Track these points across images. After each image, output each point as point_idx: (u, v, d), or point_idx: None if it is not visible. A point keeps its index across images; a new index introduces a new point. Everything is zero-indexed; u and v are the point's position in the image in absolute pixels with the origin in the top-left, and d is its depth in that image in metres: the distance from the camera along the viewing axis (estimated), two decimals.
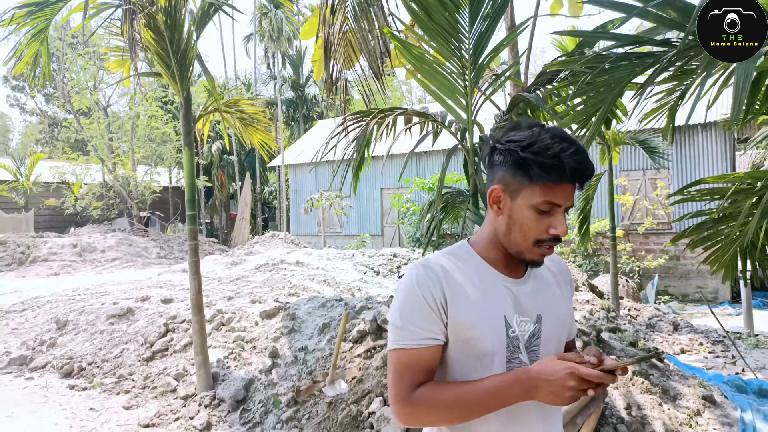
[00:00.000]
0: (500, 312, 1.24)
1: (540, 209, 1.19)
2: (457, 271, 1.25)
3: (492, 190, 1.25)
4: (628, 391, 4.04)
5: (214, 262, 11.14)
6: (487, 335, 1.21)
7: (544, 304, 1.30)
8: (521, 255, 1.25)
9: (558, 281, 1.38)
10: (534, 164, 1.16)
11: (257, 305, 5.86)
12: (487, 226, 1.31)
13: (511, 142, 1.21)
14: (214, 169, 25.11)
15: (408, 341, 1.20)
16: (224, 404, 4.42)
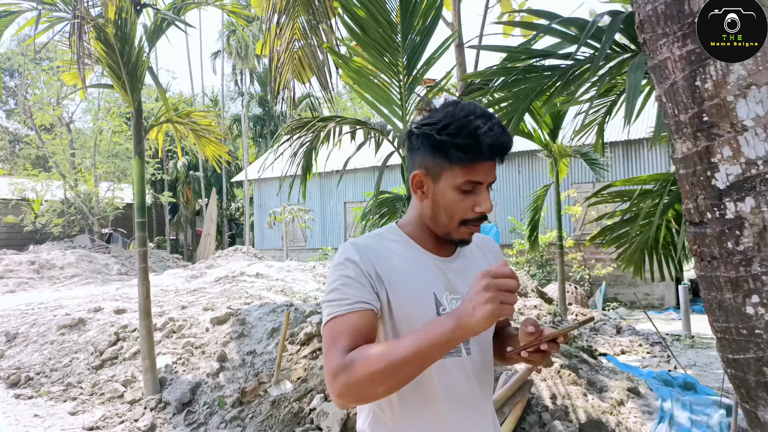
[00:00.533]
0: (430, 290, 1.23)
1: (463, 189, 1.18)
2: (385, 250, 1.24)
3: (414, 175, 1.24)
4: (555, 383, 4.28)
5: (174, 276, 11.11)
6: (416, 313, 1.20)
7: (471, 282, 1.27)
8: (449, 236, 1.25)
9: (487, 259, 1.39)
10: (451, 146, 1.15)
11: (209, 313, 5.95)
12: (413, 211, 1.31)
13: (426, 126, 1.20)
14: (180, 185, 24.91)
15: (339, 309, 1.15)
16: (170, 407, 4.50)
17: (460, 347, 1.26)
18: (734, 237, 1.47)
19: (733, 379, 1.62)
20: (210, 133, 5.31)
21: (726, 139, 1.45)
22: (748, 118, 1.42)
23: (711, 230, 1.52)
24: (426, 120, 1.21)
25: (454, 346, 1.06)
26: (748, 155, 1.43)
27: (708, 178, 1.50)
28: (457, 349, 1.25)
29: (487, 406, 1.34)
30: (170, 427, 4.31)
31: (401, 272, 1.22)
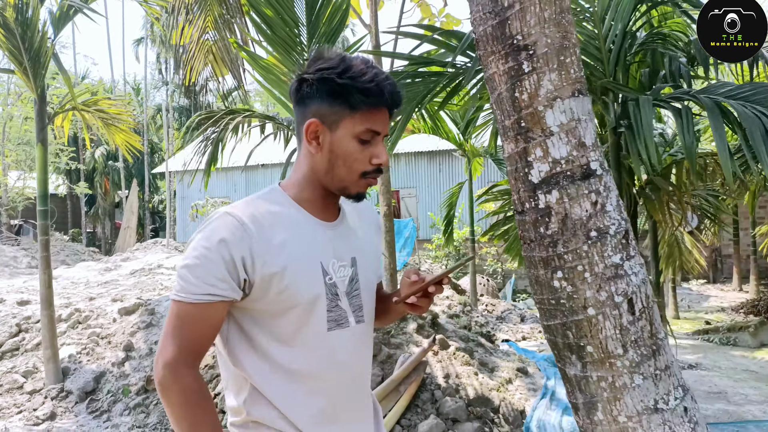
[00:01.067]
0: (316, 259, 1.18)
1: (362, 138, 1.15)
2: (267, 219, 1.15)
3: (308, 124, 1.16)
4: (449, 364, 4.62)
5: (87, 269, 10.75)
6: (302, 285, 1.14)
7: (357, 246, 1.27)
8: (346, 190, 1.20)
9: (367, 223, 1.35)
10: (354, 90, 1.11)
11: (117, 304, 5.89)
12: (302, 167, 1.23)
13: (323, 70, 1.14)
14: (98, 175, 23.84)
15: (187, 294, 1.08)
16: (72, 396, 4.48)
17: (348, 318, 1.22)
18: (545, 223, 1.78)
19: (549, 343, 1.93)
20: (119, 122, 5.26)
21: (538, 141, 1.75)
22: (554, 125, 1.73)
23: (529, 218, 1.82)
24: (321, 65, 1.15)
25: None
26: (554, 156, 1.74)
27: (526, 174, 1.79)
28: (345, 319, 1.21)
29: (370, 372, 1.36)
30: (71, 416, 4.30)
31: (284, 242, 1.14)
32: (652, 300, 1.81)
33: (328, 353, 1.19)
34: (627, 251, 1.75)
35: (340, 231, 1.26)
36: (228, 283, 1.09)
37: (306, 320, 1.16)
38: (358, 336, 1.25)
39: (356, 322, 1.24)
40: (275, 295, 1.13)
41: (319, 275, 1.18)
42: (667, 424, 1.75)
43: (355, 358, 1.25)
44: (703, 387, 5.58)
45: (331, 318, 1.19)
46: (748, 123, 2.49)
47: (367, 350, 1.31)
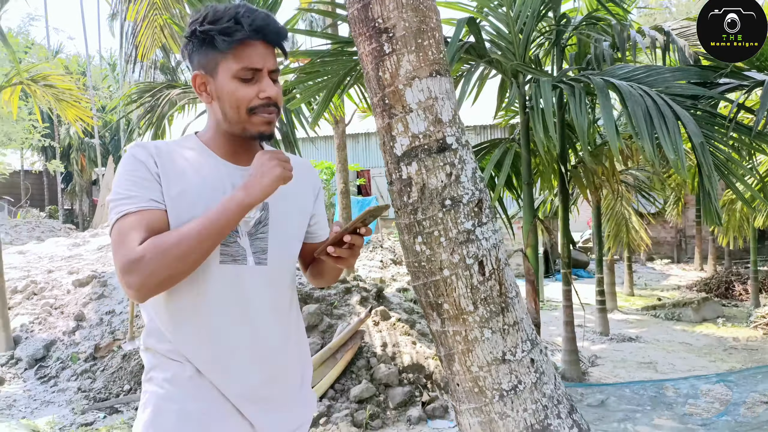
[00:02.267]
0: (218, 196, 1.17)
1: (242, 78, 1.17)
2: (173, 153, 1.20)
3: (193, 78, 1.21)
4: (390, 333, 4.83)
5: (55, 244, 10.79)
6: (193, 213, 1.13)
7: (275, 193, 1.21)
8: (245, 131, 1.21)
9: (299, 178, 1.30)
10: (215, 33, 1.14)
11: (73, 276, 6.02)
12: (209, 120, 1.28)
13: (191, 24, 1.19)
14: (73, 152, 23.63)
15: (131, 206, 1.10)
16: (21, 363, 4.63)
17: (246, 256, 1.21)
18: (407, 192, 1.95)
19: (419, 304, 2.12)
20: (70, 96, 5.33)
21: (399, 117, 1.91)
22: (413, 103, 1.89)
23: (396, 187, 1.99)
24: (191, 20, 1.20)
25: (245, 212, 1.12)
26: (413, 130, 1.90)
27: (392, 147, 1.96)
28: (242, 257, 1.20)
29: (283, 323, 1.29)
30: (20, 381, 4.45)
31: (185, 174, 1.17)
32: (504, 263, 2.00)
33: (219, 287, 1.18)
34: (479, 218, 1.94)
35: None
36: (157, 192, 1.13)
37: None
38: (257, 278, 1.22)
39: (255, 263, 1.22)
40: (173, 220, 1.13)
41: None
42: (513, 374, 1.96)
43: (250, 298, 1.21)
44: (636, 358, 5.87)
45: (226, 252, 1.18)
46: (632, 103, 2.67)
47: (273, 298, 1.26)
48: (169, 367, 1.19)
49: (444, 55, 1.95)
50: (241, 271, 1.21)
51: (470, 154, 1.99)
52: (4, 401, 4.06)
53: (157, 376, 1.20)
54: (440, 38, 1.94)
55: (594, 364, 5.56)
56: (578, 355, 5.02)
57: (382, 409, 4.05)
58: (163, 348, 1.20)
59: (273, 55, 1.21)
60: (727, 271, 10.24)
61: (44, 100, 5.28)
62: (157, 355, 1.22)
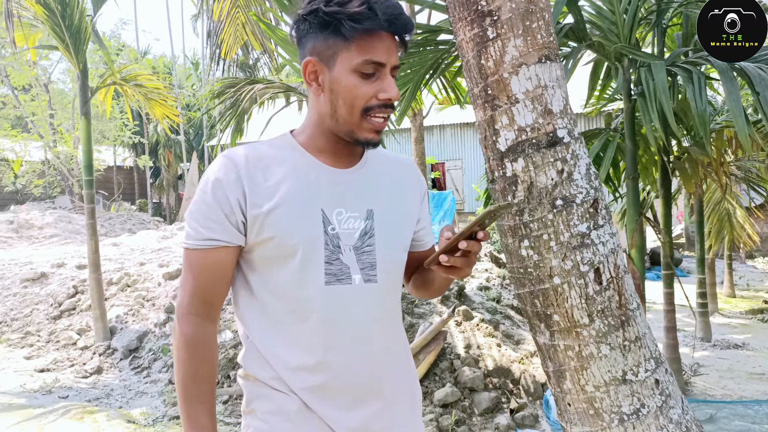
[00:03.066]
0: (316, 205, 1.07)
1: (363, 72, 1.03)
2: (264, 161, 1.08)
3: (305, 64, 1.06)
4: (473, 334, 4.65)
5: (146, 237, 11.37)
6: (296, 232, 1.05)
7: (379, 198, 1.14)
8: (353, 134, 1.07)
9: (403, 180, 1.22)
10: (343, 17, 1.00)
11: (163, 269, 6.25)
12: (311, 114, 1.13)
13: (309, 4, 1.05)
14: (161, 148, 24.93)
15: (192, 241, 1.06)
16: (117, 353, 4.84)
17: (350, 274, 1.09)
18: (512, 191, 1.77)
19: (522, 312, 1.94)
20: (159, 95, 5.50)
21: (504, 109, 1.73)
22: (519, 92, 1.70)
23: (498, 186, 1.81)
24: (310, 1, 1.06)
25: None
26: (519, 123, 1.72)
27: (494, 142, 1.78)
28: (346, 275, 1.09)
29: (390, 340, 1.18)
30: (116, 370, 4.65)
31: (280, 185, 1.06)
32: (624, 270, 1.78)
33: (325, 311, 1.08)
34: (595, 220, 1.72)
35: (355, 179, 1.13)
36: (225, 227, 1.04)
37: (302, 271, 1.06)
38: (366, 297, 1.11)
39: (364, 281, 1.10)
40: (268, 240, 1.05)
41: (318, 223, 1.07)
42: (635, 396, 1.74)
43: (359, 321, 1.10)
44: (745, 368, 5.35)
45: (330, 272, 1.07)
46: (762, 87, 2.34)
47: (383, 317, 1.15)
48: (273, 398, 1.10)
49: (554, 39, 1.74)
50: (347, 291, 1.09)
51: (583, 149, 1.77)
52: (102, 390, 4.24)
53: (260, 408, 1.11)
54: (550, 19, 1.74)
55: (697, 374, 5.11)
56: (680, 364, 4.62)
57: (468, 415, 3.88)
58: (265, 375, 1.11)
59: (397, 49, 1.07)
60: None
61: (134, 99, 5.48)
62: (258, 384, 1.12)
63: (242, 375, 1.16)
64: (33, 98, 20.09)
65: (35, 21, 4.78)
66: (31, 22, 4.87)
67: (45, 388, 4.22)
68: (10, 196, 21.92)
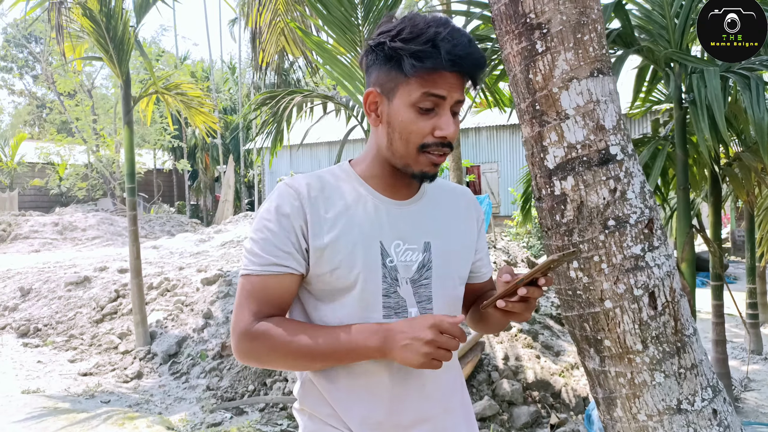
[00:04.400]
0: (375, 237, 1.06)
1: (421, 107, 1.02)
2: (326, 191, 1.08)
3: (366, 94, 1.07)
4: (512, 345, 4.55)
5: (184, 240, 11.60)
6: (356, 264, 1.04)
7: (436, 230, 1.13)
8: (408, 167, 1.07)
9: (461, 211, 1.21)
10: (405, 53, 0.99)
11: (201, 274, 6.34)
12: (370, 143, 1.14)
13: (381, 35, 1.04)
14: (198, 151, 25.44)
15: (254, 267, 1.04)
16: (157, 357, 4.92)
17: (407, 307, 1.08)
18: (560, 211, 1.70)
19: (570, 335, 1.86)
20: (199, 104, 5.58)
21: (553, 125, 1.66)
22: (569, 108, 1.63)
23: (546, 204, 1.75)
24: (382, 29, 1.05)
25: (369, 359, 1.03)
26: (569, 140, 1.65)
27: (542, 159, 1.72)
28: (403, 309, 1.07)
29: (448, 374, 1.15)
30: (156, 375, 4.73)
31: (340, 216, 1.06)
32: (680, 294, 1.69)
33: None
34: (650, 241, 1.64)
35: (412, 211, 1.13)
36: (291, 254, 1.04)
37: (360, 305, 1.05)
38: None
39: (420, 314, 1.08)
40: (327, 273, 1.05)
41: (377, 255, 1.06)
42: (691, 426, 1.65)
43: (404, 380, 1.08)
44: None
45: (388, 305, 1.07)
46: None
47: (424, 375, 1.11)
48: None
49: (606, 51, 1.67)
50: None
51: (637, 166, 1.69)
52: (142, 395, 4.32)
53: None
54: (602, 31, 1.66)
55: (748, 389, 4.88)
56: (730, 379, 4.42)
57: (506, 430, 3.79)
58: (323, 412, 1.11)
59: (463, 85, 1.05)
60: None
61: (175, 107, 5.58)
62: (315, 420, 1.12)
63: (298, 408, 1.16)
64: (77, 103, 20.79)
65: (81, 33, 4.91)
66: (77, 34, 5.01)
67: (88, 393, 4.32)
68: (55, 199, 22.71)
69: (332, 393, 1.09)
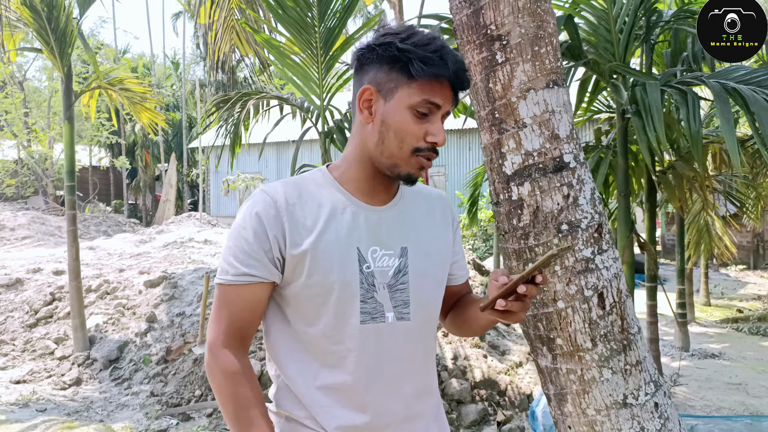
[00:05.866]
0: (353, 244, 1.08)
1: (419, 111, 1.05)
2: (303, 197, 1.09)
3: (363, 90, 1.08)
4: (461, 345, 4.65)
5: (123, 240, 11.16)
6: (333, 271, 1.05)
7: (413, 236, 1.15)
8: (396, 168, 1.08)
9: (437, 216, 1.23)
10: (415, 57, 1.02)
11: (144, 276, 6.13)
12: (352, 143, 1.13)
13: (387, 35, 1.06)
14: (138, 149, 24.55)
15: (228, 276, 1.06)
16: (97, 363, 4.73)
17: (384, 312, 1.09)
18: (517, 215, 1.77)
19: (524, 334, 1.94)
20: (145, 100, 5.40)
21: (511, 133, 1.73)
22: (527, 117, 1.71)
23: (503, 209, 1.81)
24: (387, 31, 1.08)
25: None
26: (526, 147, 1.72)
27: (500, 165, 1.78)
28: (380, 314, 1.09)
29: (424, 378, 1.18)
30: (95, 382, 4.54)
31: (317, 223, 1.07)
32: (626, 295, 1.79)
33: (361, 351, 1.08)
34: (599, 245, 1.74)
35: (389, 217, 1.14)
36: (263, 263, 1.05)
37: (338, 311, 1.07)
38: (399, 335, 1.11)
39: (396, 319, 1.10)
40: (305, 279, 1.06)
41: (354, 261, 1.08)
42: (636, 419, 1.75)
43: (392, 359, 1.11)
44: (723, 377, 5.45)
45: (365, 310, 1.08)
46: (757, 108, 2.39)
47: (415, 354, 1.15)
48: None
49: (561, 64, 1.75)
50: (381, 329, 1.10)
51: (588, 173, 1.79)
52: (82, 402, 4.13)
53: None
54: (557, 45, 1.75)
55: (676, 383, 5.19)
56: (662, 375, 4.68)
57: (455, 428, 3.88)
58: (299, 414, 1.12)
59: (451, 100, 1.10)
60: None
61: (119, 103, 5.38)
62: (291, 422, 1.13)
63: (274, 410, 1.16)
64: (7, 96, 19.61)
65: (17, 22, 4.66)
66: (13, 23, 4.75)
67: (22, 401, 4.09)
68: None
69: (307, 397, 1.10)
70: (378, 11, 12.18)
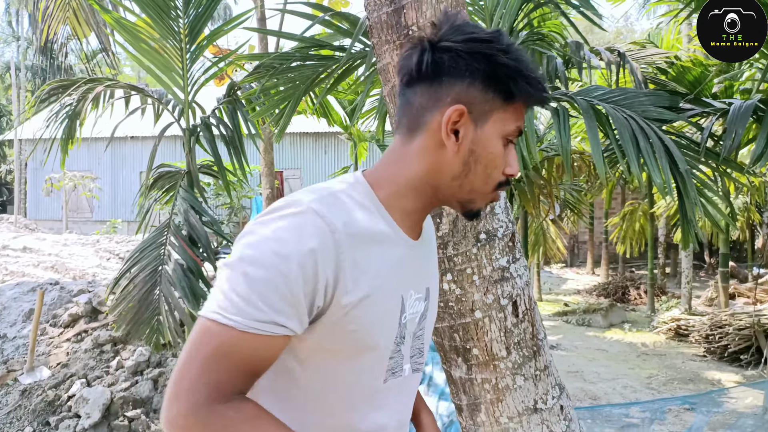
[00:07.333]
0: (399, 291, 0.89)
1: (509, 140, 0.88)
2: (364, 235, 0.84)
3: (453, 111, 0.84)
4: None
5: None
6: (377, 323, 0.86)
7: (433, 273, 1.02)
8: (471, 203, 0.92)
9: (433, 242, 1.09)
10: (519, 76, 0.83)
11: None
12: (411, 166, 0.89)
13: (478, 42, 0.83)
14: None
15: (244, 319, 0.75)
16: None
17: (402, 365, 0.93)
18: (436, 224, 1.72)
19: (436, 345, 1.90)
20: None
21: None
22: None
23: None
24: (472, 35, 0.84)
25: None
26: None
27: None
28: (400, 367, 0.93)
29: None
30: None
31: (371, 266, 0.84)
32: (534, 302, 1.83)
33: (379, 407, 0.93)
34: (513, 254, 1.75)
35: (421, 253, 0.96)
36: (299, 312, 0.78)
37: (365, 371, 0.88)
38: (411, 388, 0.99)
39: (412, 371, 0.96)
40: (345, 334, 0.83)
41: (397, 313, 0.89)
42: (545, 423, 1.79)
43: (396, 413, 0.97)
44: (562, 367, 6.05)
45: (389, 367, 0.91)
46: (619, 125, 2.64)
47: (411, 404, 1.03)
48: None
49: None
50: (397, 385, 0.95)
51: None
52: None
53: None
54: None
55: None
56: None
57: None
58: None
59: None
60: (622, 276, 11.02)
61: None
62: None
63: None
64: None
65: None
66: None
67: None
68: None
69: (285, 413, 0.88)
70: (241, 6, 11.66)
